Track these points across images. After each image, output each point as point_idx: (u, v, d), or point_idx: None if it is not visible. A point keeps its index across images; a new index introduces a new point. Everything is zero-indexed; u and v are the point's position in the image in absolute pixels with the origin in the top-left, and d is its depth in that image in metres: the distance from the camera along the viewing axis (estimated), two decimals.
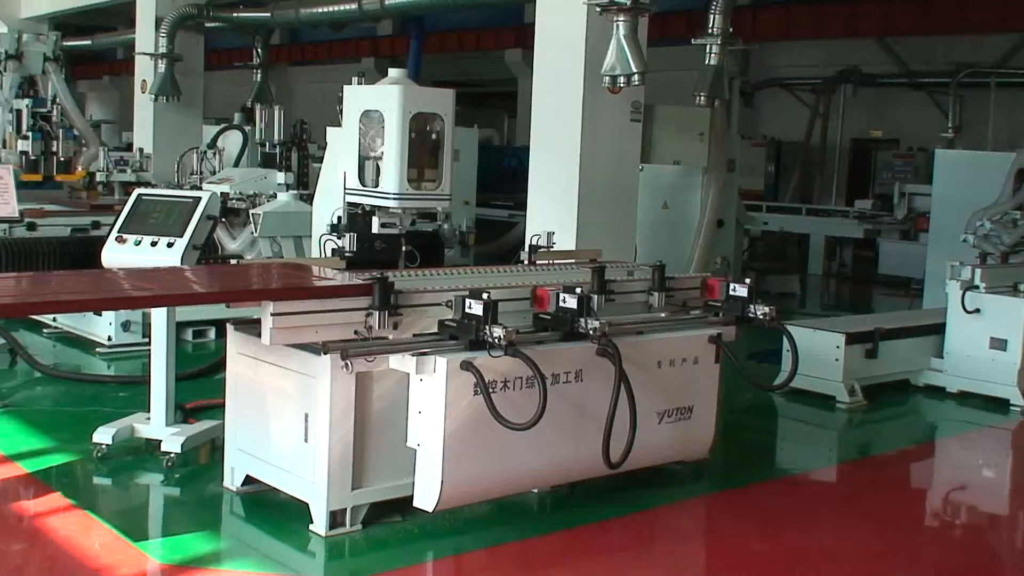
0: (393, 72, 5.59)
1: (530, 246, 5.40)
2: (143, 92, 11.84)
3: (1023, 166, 7.76)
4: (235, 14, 12.40)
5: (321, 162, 6.26)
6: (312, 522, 4.07)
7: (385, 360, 3.97)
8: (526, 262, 5.33)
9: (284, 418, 4.21)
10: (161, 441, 4.87)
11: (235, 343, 4.44)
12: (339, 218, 5.42)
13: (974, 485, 5.49)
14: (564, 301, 4.22)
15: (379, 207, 5.35)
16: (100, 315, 7.34)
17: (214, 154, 10.11)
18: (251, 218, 7.77)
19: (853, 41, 15.70)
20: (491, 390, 3.88)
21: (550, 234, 5.42)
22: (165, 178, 10.27)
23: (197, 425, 5.09)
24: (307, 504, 4.10)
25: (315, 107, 12.65)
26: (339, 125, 5.71)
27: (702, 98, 6.89)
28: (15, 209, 7.59)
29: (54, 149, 11.04)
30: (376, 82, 5.71)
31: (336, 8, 11.24)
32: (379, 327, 3.96)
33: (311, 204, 6.22)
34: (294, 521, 4.12)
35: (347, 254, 5.06)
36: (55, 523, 4.12)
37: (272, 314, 3.79)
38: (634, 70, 6.10)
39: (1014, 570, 4.34)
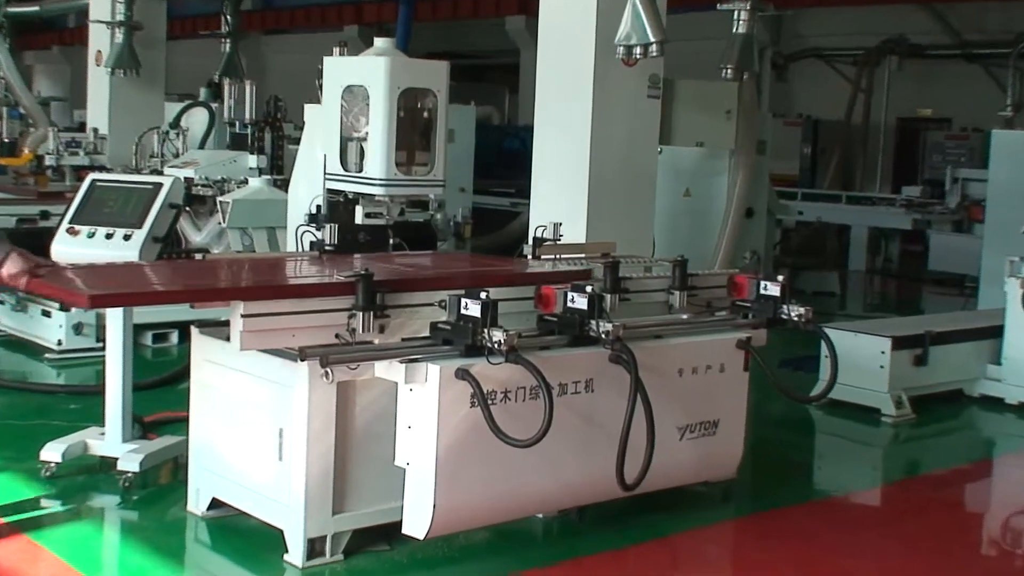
0: (379, 42, 5.58)
1: (534, 239, 5.39)
2: (98, 65, 11.82)
3: None
4: None
5: (298, 144, 6.25)
6: (287, 551, 4.06)
7: (370, 368, 3.96)
8: (530, 257, 5.33)
9: (256, 433, 4.20)
10: (117, 459, 4.86)
11: (200, 348, 4.44)
12: (318, 207, 5.42)
13: None
14: (572, 301, 4.22)
15: (363, 195, 5.35)
16: (49, 316, 7.34)
17: (177, 135, 10.10)
18: (219, 207, 7.77)
19: (898, 6, 15.69)
20: (490, 401, 3.87)
21: (557, 225, 5.41)
22: (122, 162, 10.26)
23: (158, 441, 5.08)
24: (282, 531, 4.09)
25: (291, 82, 12.62)
26: (318, 102, 5.70)
27: (729, 71, 6.89)
28: None
29: None
30: (360, 53, 5.70)
31: None
32: (363, 330, 3.95)
33: (286, 191, 6.22)
34: (267, 550, 4.11)
35: (327, 247, 5.05)
36: None
37: (242, 315, 3.79)
38: (652, 39, 6.08)
39: None
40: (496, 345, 3.82)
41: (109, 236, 4.80)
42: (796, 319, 4.73)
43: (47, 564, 4.01)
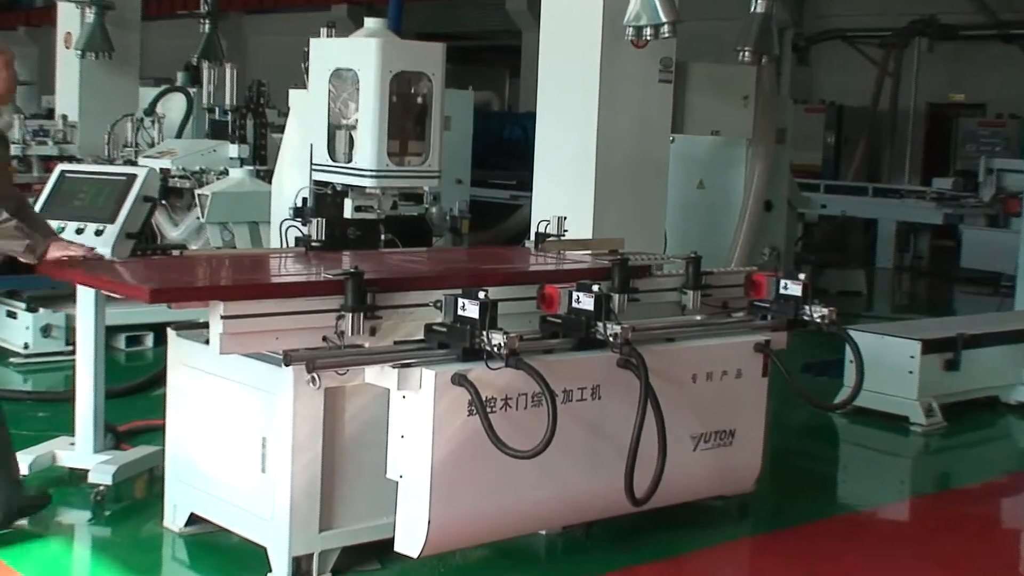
0: (370, 22, 5.59)
1: (537, 234, 5.40)
2: (67, 47, 11.81)
3: None
4: None
5: (282, 132, 6.28)
6: (271, 570, 4.06)
7: (360, 373, 3.97)
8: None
9: (237, 443, 4.20)
10: (88, 471, 4.86)
11: (177, 352, 4.44)
12: (304, 200, 5.43)
13: None
14: (578, 301, 4.22)
15: (353, 187, 5.36)
16: (15, 317, 7.34)
17: (152, 122, 10.11)
18: (197, 200, 7.78)
19: None
20: (489, 409, 3.87)
21: (561, 220, 5.41)
22: (93, 151, 10.27)
23: (132, 452, 5.09)
24: (265, 549, 4.09)
25: (275, 65, 12.63)
26: (304, 87, 5.71)
27: (747, 54, 6.84)
28: None
29: None
30: (349, 34, 5.70)
31: None
32: (353, 332, 3.96)
33: (270, 183, 6.24)
34: (249, 569, 4.11)
35: (314, 243, 5.05)
36: None
37: (223, 317, 3.78)
38: (663, 19, 6.08)
39: None
40: (496, 349, 3.82)
41: (79, 231, 4.80)
42: (819, 320, 4.72)
43: None
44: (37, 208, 5.02)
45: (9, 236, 4.16)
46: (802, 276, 4.83)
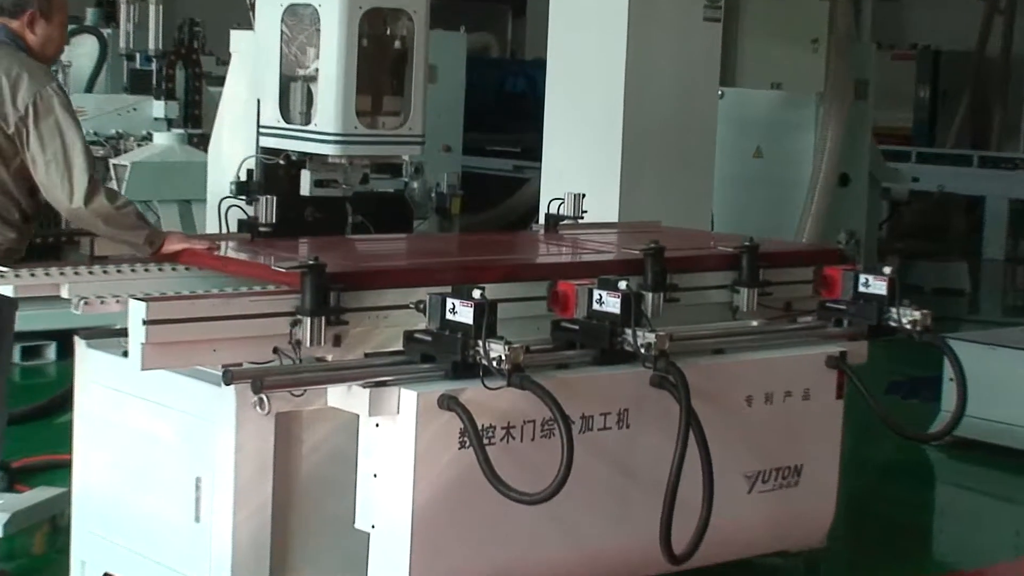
0: None
1: (547, 216, 5.39)
2: None
3: None
4: None
5: (221, 85, 6.26)
6: None
7: (321, 394, 3.97)
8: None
9: (164, 485, 4.19)
10: None
11: (87, 367, 4.44)
12: (249, 173, 5.42)
13: None
14: (600, 302, 4.21)
15: (312, 155, 5.35)
16: None
17: (56, 72, 10.11)
18: (112, 172, 7.77)
19: None
20: (486, 440, 3.87)
21: (579, 198, 5.41)
22: None
23: (29, 495, 5.09)
24: None
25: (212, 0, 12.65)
26: (250, 27, 5.70)
27: None
28: None
29: None
30: None
31: None
32: (312, 342, 3.95)
33: (205, 151, 6.22)
34: None
35: (262, 228, 5.05)
36: None
37: (145, 321, 3.78)
38: None
39: None
40: (495, 363, 3.81)
41: None
42: (909, 326, 4.72)
43: None
44: None
45: (130, 226, 4.34)
46: (888, 270, 4.83)
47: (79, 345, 4.46)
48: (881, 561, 5.36)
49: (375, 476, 3.92)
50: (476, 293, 3.89)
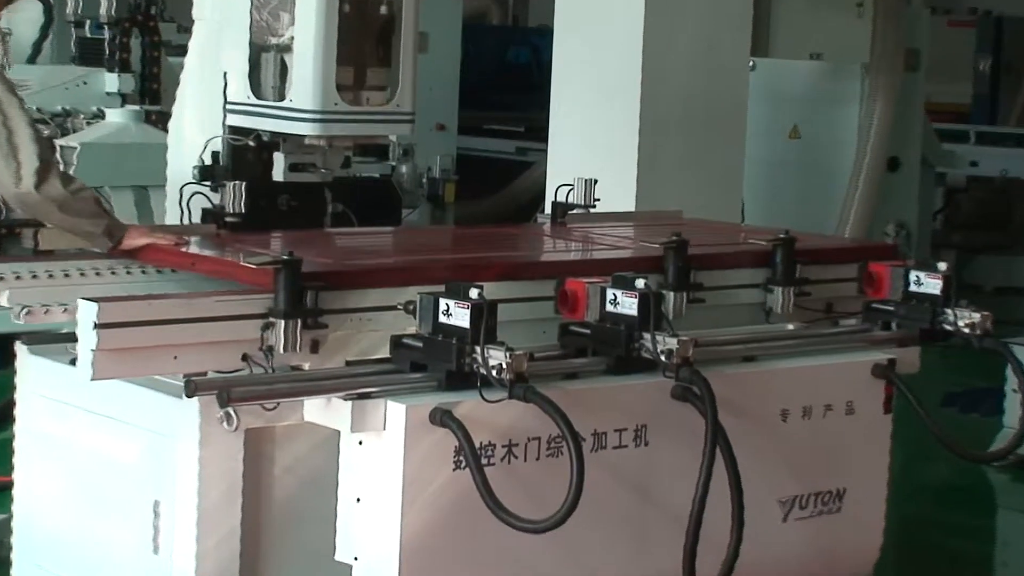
0: None
1: (554, 204, 5.39)
2: None
3: None
4: None
5: (182, 55, 6.26)
6: None
7: (297, 407, 3.97)
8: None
9: (118, 510, 4.19)
10: None
11: (31, 377, 4.44)
12: (214, 155, 5.42)
13: None
14: (615, 302, 4.21)
15: (286, 135, 5.35)
16: None
17: None
18: (59, 154, 7.77)
19: None
20: (485, 460, 3.86)
21: (590, 184, 5.40)
22: None
23: None
24: None
25: None
26: None
27: None
28: None
29: None
30: None
31: None
32: (286, 348, 3.94)
33: (164, 131, 6.23)
34: None
35: (229, 219, 5.05)
36: None
37: (97, 325, 3.77)
38: None
39: None
40: (495, 372, 3.80)
41: None
42: (967, 330, 4.71)
43: None
44: None
45: (89, 214, 4.31)
46: (943, 266, 4.83)
47: (21, 352, 4.45)
48: None
49: (358, 501, 3.91)
50: (473, 293, 3.88)
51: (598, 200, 5.43)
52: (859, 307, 4.98)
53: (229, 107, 5.42)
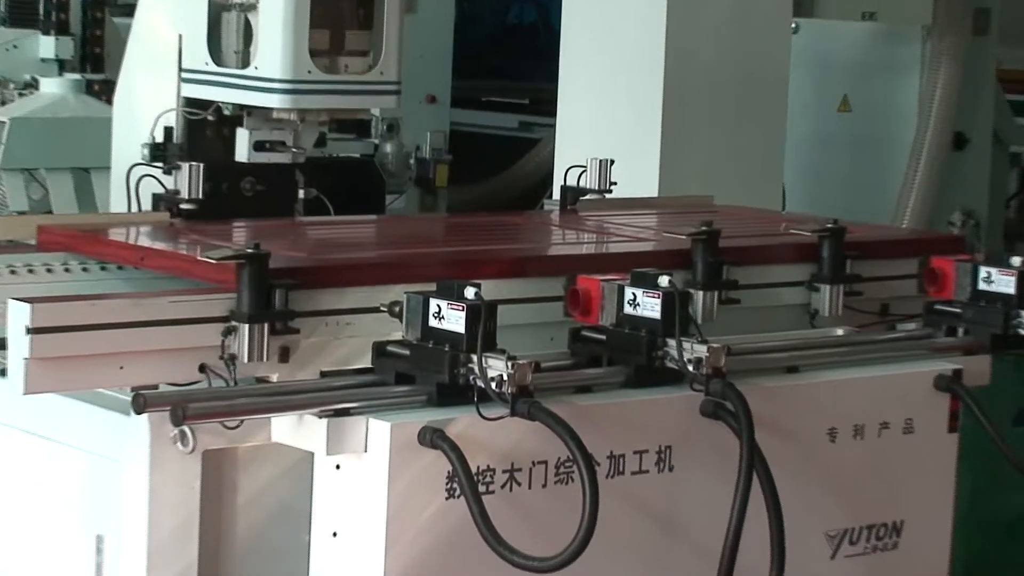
0: None
1: (564, 190, 5.39)
2: None
3: None
4: None
5: (130, 15, 6.26)
6: None
7: (263, 425, 3.96)
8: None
9: (56, 544, 4.20)
10: None
11: None
12: (167, 131, 5.42)
13: None
14: (635, 303, 4.21)
15: (251, 108, 5.35)
16: None
17: None
18: None
19: None
20: (483, 488, 3.87)
21: (606, 165, 5.40)
22: None
23: None
24: None
25: None
26: None
27: None
28: None
29: None
30: None
31: None
32: (251, 357, 3.95)
33: (109, 103, 6.23)
34: None
35: (184, 206, 5.05)
36: None
37: (30, 329, 3.76)
38: None
39: None
40: (494, 385, 3.80)
41: None
42: None
43: None
44: None
45: None
46: (1017, 261, 4.84)
47: None
48: None
49: (335, 535, 3.92)
50: (469, 292, 3.88)
51: (615, 184, 5.44)
52: (919, 309, 5.01)
53: (184, 75, 5.42)
